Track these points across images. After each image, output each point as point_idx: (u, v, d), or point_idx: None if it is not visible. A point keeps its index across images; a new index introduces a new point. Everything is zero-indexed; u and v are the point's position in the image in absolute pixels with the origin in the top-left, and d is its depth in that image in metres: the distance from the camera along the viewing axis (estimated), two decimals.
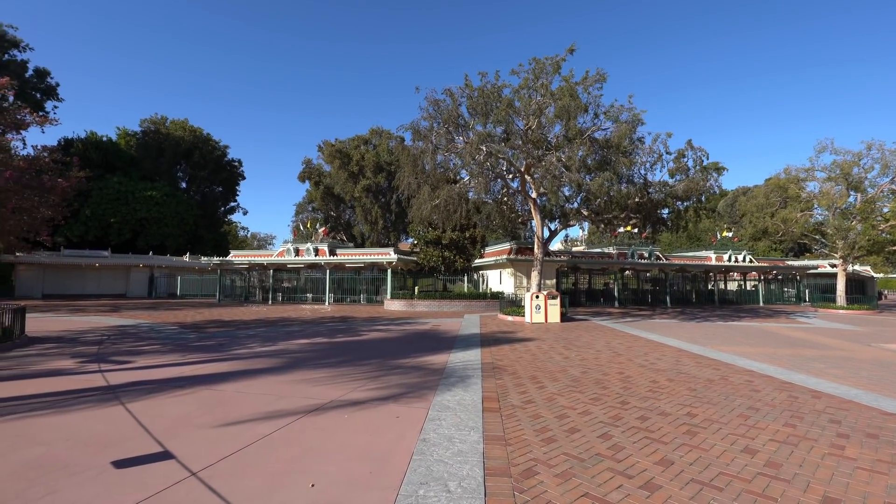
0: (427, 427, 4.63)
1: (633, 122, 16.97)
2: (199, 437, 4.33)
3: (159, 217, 41.48)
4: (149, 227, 41.42)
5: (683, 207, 19.70)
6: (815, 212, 29.40)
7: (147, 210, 40.51)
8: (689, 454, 4.02)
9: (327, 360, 8.74)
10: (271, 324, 15.97)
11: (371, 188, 50.53)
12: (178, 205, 43.08)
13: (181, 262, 39.62)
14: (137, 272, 37.93)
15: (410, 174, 18.78)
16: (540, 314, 17.14)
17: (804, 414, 5.35)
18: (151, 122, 48.92)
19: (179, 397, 5.83)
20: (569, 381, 7.00)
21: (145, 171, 45.41)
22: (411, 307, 24.01)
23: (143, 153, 46.42)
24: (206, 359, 8.77)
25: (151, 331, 13.62)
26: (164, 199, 41.54)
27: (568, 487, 3.31)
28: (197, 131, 50.01)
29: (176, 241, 43.61)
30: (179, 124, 49.39)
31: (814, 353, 10.21)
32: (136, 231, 41.25)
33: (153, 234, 41.72)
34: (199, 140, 49.79)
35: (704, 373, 7.76)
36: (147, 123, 48.84)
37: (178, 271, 39.40)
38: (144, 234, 41.47)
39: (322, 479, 3.40)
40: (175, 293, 38.21)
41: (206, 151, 49.99)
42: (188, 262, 39.67)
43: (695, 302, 33.39)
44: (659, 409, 5.45)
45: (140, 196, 40.22)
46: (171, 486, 3.24)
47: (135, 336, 12.33)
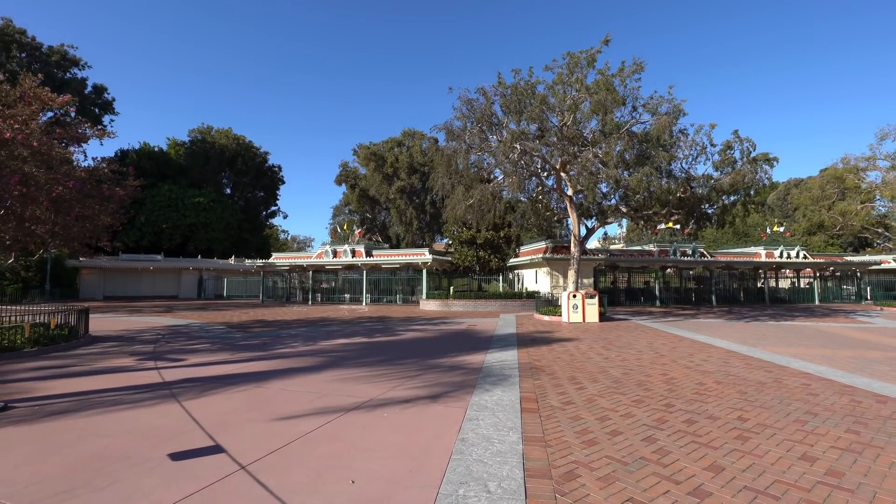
0: (465, 427, 4.64)
1: (674, 113, 16.34)
2: (247, 432, 4.52)
3: (206, 222, 43.57)
4: (197, 231, 43.59)
5: (730, 202, 18.78)
6: (878, 203, 27.43)
7: (195, 216, 42.66)
8: (741, 460, 3.84)
9: (366, 359, 8.92)
10: (311, 324, 16.45)
11: (405, 189, 51.13)
12: (223, 210, 45.12)
13: (227, 265, 41.50)
14: (187, 275, 40.04)
15: (444, 174, 18.85)
16: (577, 314, 16.80)
17: (868, 420, 4.99)
18: (198, 132, 51.47)
19: (228, 394, 6.10)
20: (609, 382, 6.83)
21: (193, 178, 47.82)
22: (447, 307, 24.11)
23: (190, 161, 48.91)
24: (252, 357, 9.14)
25: (201, 330, 14.33)
26: (210, 205, 43.61)
27: (611, 491, 3.23)
28: (240, 139, 52.19)
29: (222, 245, 45.70)
30: (224, 133, 51.69)
31: (878, 355, 9.49)
32: (186, 236, 43.51)
33: (201, 238, 43.88)
34: (242, 147, 51.94)
35: (755, 375, 7.37)
36: (194, 133, 51.45)
37: (224, 273, 41.31)
38: (193, 238, 43.68)
39: (363, 476, 3.48)
40: (222, 294, 40.08)
41: (248, 158, 52.08)
42: (233, 265, 41.51)
43: (743, 300, 31.77)
44: (707, 413, 5.23)
45: (189, 202, 42.40)
46: (222, 479, 3.40)
47: (186, 335, 13.01)
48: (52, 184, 12.29)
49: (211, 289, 40.66)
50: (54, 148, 13.07)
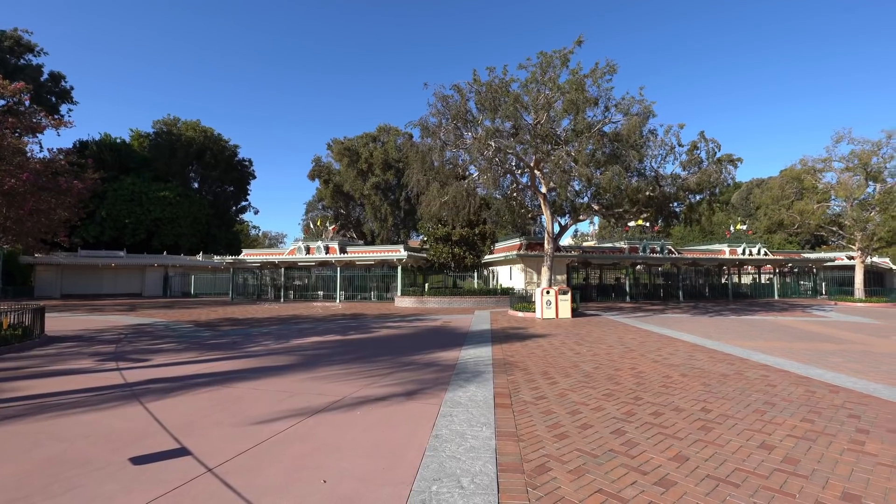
0: (439, 423, 4.64)
1: (644, 114, 16.75)
2: (215, 433, 4.39)
3: (172, 217, 42.09)
4: (162, 227, 42.06)
5: (696, 200, 19.43)
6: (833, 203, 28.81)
7: (161, 210, 41.14)
8: (704, 450, 3.98)
9: (340, 357, 8.81)
10: (283, 321, 16.14)
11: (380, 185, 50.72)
12: (190, 205, 43.68)
13: (194, 262, 40.22)
14: (152, 272, 38.60)
15: (419, 171, 18.78)
16: (551, 310, 17.07)
17: (822, 409, 5.26)
18: (164, 124, 49.58)
19: (195, 395, 5.92)
20: (581, 376, 6.97)
21: (158, 171, 46.07)
22: (422, 304, 24.08)
23: (155, 154, 47.09)
24: (221, 356, 8.89)
25: (167, 329, 13.85)
26: (176, 200, 42.14)
27: (581, 483, 3.29)
28: (208, 132, 50.56)
29: (189, 241, 44.26)
30: (191, 125, 49.96)
31: (831, 347, 10.03)
32: (151, 231, 41.93)
33: (167, 233, 42.37)
34: (211, 140, 50.34)
35: (719, 368, 7.66)
36: (159, 125, 49.53)
37: (191, 270, 40.01)
38: (158, 234, 42.13)
39: (335, 475, 3.43)
40: (189, 292, 38.81)
41: (217, 151, 50.54)
42: (201, 262, 40.26)
43: (708, 296, 33.00)
44: (673, 405, 5.40)
45: (153, 196, 40.85)
46: (188, 482, 3.29)
47: (151, 335, 12.54)
48: (3, 176, 11.61)
49: (177, 286, 39.32)
50: (6, 138, 12.36)
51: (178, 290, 39.20)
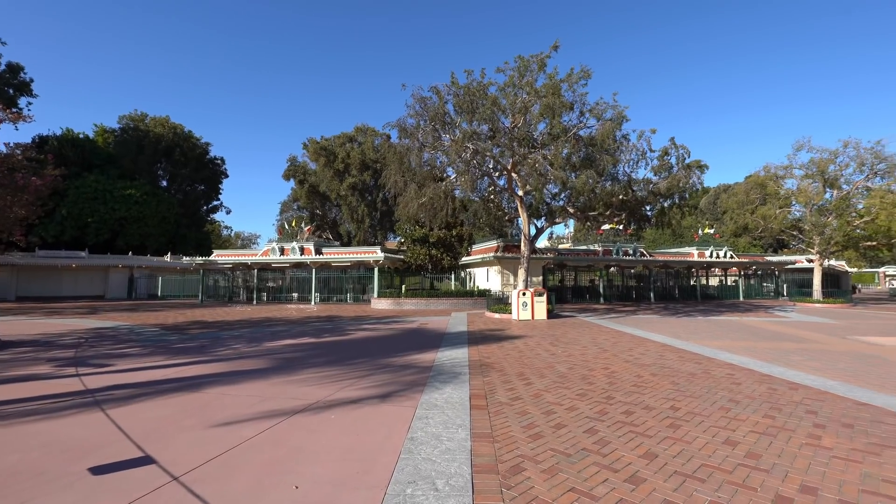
0: (415, 426, 4.62)
1: (618, 119, 17.14)
2: (182, 440, 4.25)
3: (139, 216, 40.58)
4: (128, 226, 40.50)
5: (667, 204, 19.99)
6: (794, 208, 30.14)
7: (126, 209, 39.59)
8: (672, 447, 4.09)
9: (314, 360, 8.66)
10: (256, 324, 15.77)
11: (357, 186, 50.22)
12: (158, 204, 42.22)
13: (162, 263, 38.87)
14: (116, 273, 37.10)
15: (397, 172, 18.69)
16: (527, 311, 17.24)
17: (783, 405, 5.49)
18: (130, 119, 47.76)
19: (161, 400, 5.71)
20: (556, 377, 7.06)
21: (124, 169, 44.36)
22: (398, 306, 23.95)
23: (121, 151, 45.31)
24: (189, 361, 8.62)
25: (131, 333, 13.33)
26: (143, 198, 40.66)
27: (554, 483, 3.33)
28: (178, 128, 49.00)
29: (157, 241, 42.76)
30: (159, 121, 48.32)
31: (792, 347, 10.47)
32: (115, 231, 40.31)
33: (133, 233, 40.82)
34: (180, 137, 48.80)
35: (687, 367, 7.89)
36: (126, 120, 47.67)
37: (158, 272, 38.64)
38: (123, 233, 40.55)
39: (308, 480, 3.37)
40: (156, 294, 37.46)
41: (187, 149, 49.02)
42: (170, 263, 38.95)
43: (678, 297, 33.96)
44: (643, 404, 5.53)
45: (119, 195, 39.29)
46: (151, 492, 3.17)
47: (114, 339, 12.04)
48: None
49: (143, 288, 37.89)
50: None
51: (143, 293, 37.78)
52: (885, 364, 8.28)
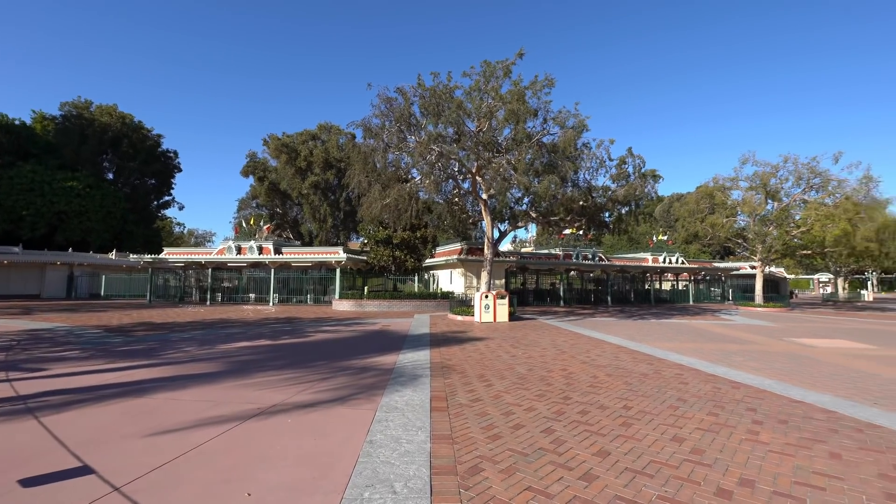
0: (374, 429, 4.57)
1: (579, 127, 17.67)
2: (125, 448, 4.01)
3: (81, 210, 38.06)
4: (68, 220, 37.88)
5: (624, 212, 20.78)
6: (739, 218, 32.03)
7: (66, 202, 37.04)
8: (624, 444, 4.25)
9: (271, 363, 8.40)
10: (209, 326, 15.12)
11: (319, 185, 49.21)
12: (103, 197, 39.76)
13: (106, 260, 36.58)
14: (54, 271, 34.57)
15: (361, 172, 18.47)
16: (489, 313, 17.43)
17: (725, 403, 5.82)
18: (73, 107, 44.76)
19: (102, 407, 5.37)
20: (515, 378, 7.17)
21: (65, 159, 41.50)
22: (361, 307, 23.63)
23: (62, 140, 42.37)
24: (134, 364, 8.14)
25: (70, 335, 12.46)
26: (86, 191, 38.18)
27: (511, 482, 3.38)
28: (126, 118, 46.39)
29: (100, 237, 40.23)
30: (106, 110, 45.56)
31: (735, 348, 11.12)
32: (54, 225, 37.60)
33: (73, 228, 38.21)
34: (129, 128, 46.21)
35: (640, 368, 8.22)
36: (68, 107, 44.63)
37: (102, 270, 36.33)
38: (63, 228, 37.89)
39: (262, 487, 3.26)
40: (98, 294, 35.19)
41: (136, 140, 46.48)
42: (115, 260, 36.71)
43: (633, 301, 35.32)
44: (598, 403, 5.71)
45: (58, 187, 36.71)
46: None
47: (50, 341, 11.21)
48: None
49: (84, 287, 35.50)
50: None
51: (84, 292, 35.40)
52: (816, 364, 8.95)
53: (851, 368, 8.49)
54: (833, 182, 28.49)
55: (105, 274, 35.80)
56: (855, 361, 9.30)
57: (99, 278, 35.59)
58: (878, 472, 3.71)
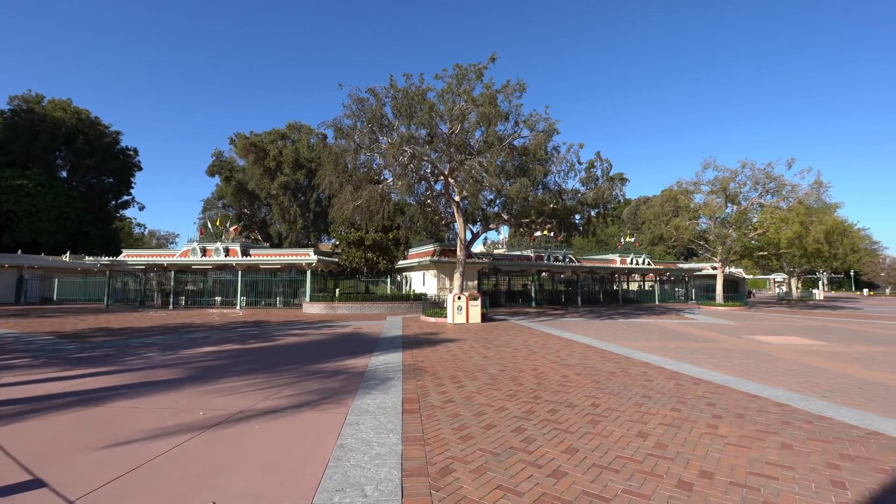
0: (345, 432, 4.52)
1: (549, 131, 18.01)
2: (81, 460, 3.82)
3: (31, 210, 35.99)
4: (17, 221, 35.75)
5: (594, 214, 21.28)
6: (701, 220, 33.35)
7: (15, 201, 34.96)
8: (591, 441, 4.36)
9: (237, 368, 8.17)
10: (172, 330, 14.57)
11: (289, 185, 48.21)
12: (55, 196, 37.72)
13: (59, 263, 34.68)
14: (2, 273, 32.51)
15: (332, 172, 18.23)
16: (461, 315, 17.49)
17: (687, 399, 6.05)
18: (23, 101, 42.26)
19: (55, 417, 5.09)
20: (487, 379, 7.23)
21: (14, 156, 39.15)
22: (332, 310, 23.28)
23: (11, 135, 39.94)
24: (90, 372, 7.76)
25: (19, 342, 11.75)
26: (37, 190, 36.15)
27: (482, 482, 3.42)
28: (82, 113, 44.19)
29: (53, 238, 38.13)
30: (60, 104, 43.25)
31: (697, 346, 11.57)
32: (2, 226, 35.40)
33: (23, 229, 36.09)
34: (85, 124, 44.04)
35: (608, 366, 8.44)
36: (17, 101, 42.10)
37: (55, 273, 34.41)
38: (12, 229, 35.72)
39: (227, 495, 3.17)
40: (51, 298, 33.34)
41: (93, 137, 44.34)
42: (69, 263, 34.85)
43: (602, 301, 36.18)
44: (567, 402, 5.83)
45: (6, 185, 34.60)
46: None
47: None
48: None
49: (35, 291, 33.49)
50: None
51: (35, 296, 33.41)
52: (772, 360, 9.42)
53: (803, 364, 8.97)
54: (787, 187, 30.12)
55: (58, 277, 33.94)
56: (806, 357, 9.83)
57: (51, 282, 33.70)
58: (826, 461, 3.94)
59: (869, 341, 12.78)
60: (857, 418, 5.25)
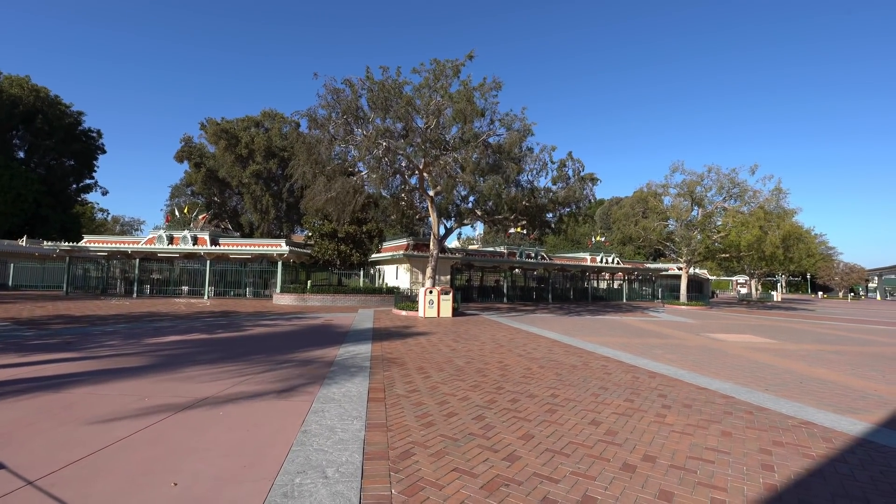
0: (310, 419, 4.61)
1: (524, 131, 18.31)
2: (39, 443, 3.79)
3: None
4: None
5: (565, 212, 21.77)
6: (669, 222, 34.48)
7: None
8: (547, 429, 4.59)
9: (203, 356, 8.10)
10: (135, 319, 14.20)
11: (261, 174, 47.16)
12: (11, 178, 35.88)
13: (15, 248, 33.05)
14: None
15: (306, 163, 18.04)
16: (433, 309, 17.67)
17: (641, 391, 6.39)
18: None
19: (12, 402, 4.98)
20: (453, 370, 7.42)
21: None
22: (303, 301, 23.06)
23: None
24: (49, 359, 7.55)
25: None
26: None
27: (440, 465, 3.59)
28: (41, 91, 42.03)
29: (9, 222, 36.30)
30: (16, 81, 41.01)
31: (657, 342, 12.09)
32: None
33: None
34: (44, 102, 41.91)
35: (570, 360, 8.77)
36: None
37: (10, 258, 32.77)
38: None
39: (189, 477, 3.23)
40: (6, 284, 31.74)
41: (53, 117, 42.25)
42: (25, 248, 33.26)
43: (572, 298, 37.01)
44: (528, 392, 6.08)
45: None
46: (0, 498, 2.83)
47: None
48: None
49: None
50: None
51: None
52: (724, 356, 9.96)
53: (752, 360, 9.54)
54: (749, 192, 31.46)
55: (14, 262, 32.32)
56: (756, 354, 10.44)
57: (6, 266, 32.06)
58: (759, 448, 4.29)
59: (816, 340, 13.63)
60: (793, 409, 5.68)
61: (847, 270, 72.14)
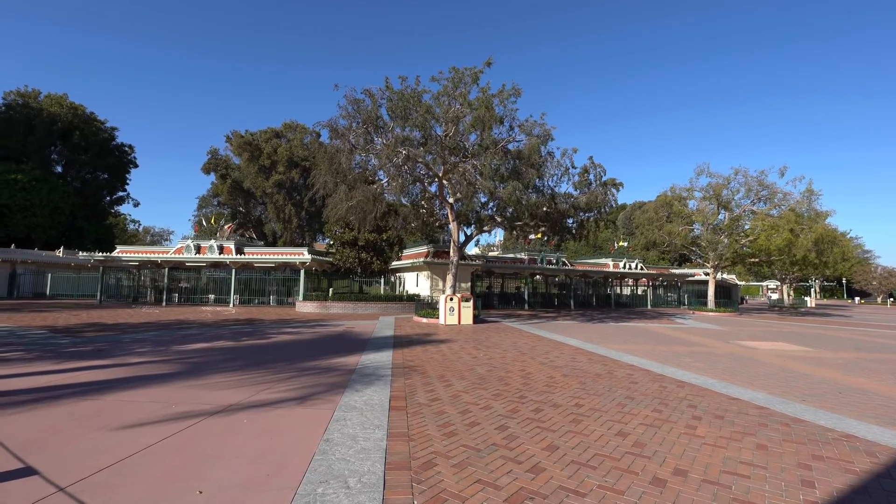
0: (332, 427, 4.61)
1: (544, 136, 18.16)
2: (71, 449, 3.90)
3: (25, 204, 35.82)
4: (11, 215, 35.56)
5: (587, 217, 21.45)
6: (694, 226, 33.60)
7: (10, 195, 34.79)
8: (572, 440, 4.47)
9: (229, 364, 8.23)
10: (165, 327, 14.58)
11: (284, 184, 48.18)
12: (50, 191, 37.56)
13: (53, 258, 34.52)
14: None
15: (327, 172, 18.30)
16: (453, 316, 17.59)
17: (669, 401, 6.18)
18: (19, 95, 42.07)
19: (46, 409, 5.15)
20: (475, 378, 7.34)
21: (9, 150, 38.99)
22: (325, 309, 23.32)
23: (6, 130, 39.73)
24: (82, 366, 7.80)
25: (11, 335, 11.75)
26: (31, 184, 35.98)
27: (463, 476, 3.52)
28: (78, 109, 44.01)
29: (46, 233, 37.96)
30: (56, 99, 43.08)
31: (684, 350, 11.73)
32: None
33: (17, 223, 35.90)
34: (81, 119, 43.86)
35: (594, 368, 8.58)
36: (13, 96, 41.92)
37: (48, 268, 34.23)
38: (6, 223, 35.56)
39: (214, 485, 3.26)
40: (44, 293, 33.16)
41: (88, 133, 44.17)
42: (62, 258, 34.70)
43: (595, 305, 36.38)
44: (552, 402, 5.95)
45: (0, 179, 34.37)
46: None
47: None
48: None
49: (28, 286, 33.32)
50: None
51: (28, 291, 33.23)
52: (755, 364, 9.59)
53: (786, 369, 9.15)
54: (779, 195, 30.41)
55: (51, 272, 33.76)
56: (790, 362, 10.01)
57: (44, 276, 33.52)
58: (798, 462, 4.08)
59: (854, 348, 13.00)
60: (832, 422, 5.40)
61: (885, 275, 68.98)
